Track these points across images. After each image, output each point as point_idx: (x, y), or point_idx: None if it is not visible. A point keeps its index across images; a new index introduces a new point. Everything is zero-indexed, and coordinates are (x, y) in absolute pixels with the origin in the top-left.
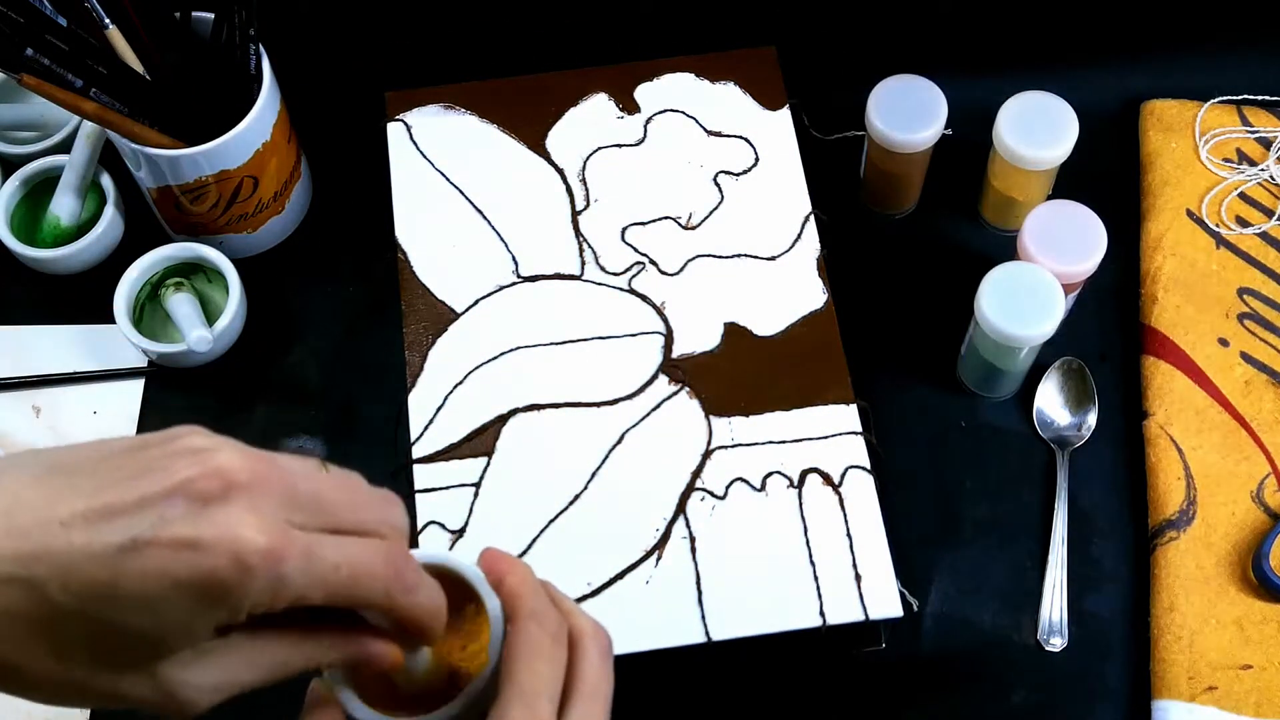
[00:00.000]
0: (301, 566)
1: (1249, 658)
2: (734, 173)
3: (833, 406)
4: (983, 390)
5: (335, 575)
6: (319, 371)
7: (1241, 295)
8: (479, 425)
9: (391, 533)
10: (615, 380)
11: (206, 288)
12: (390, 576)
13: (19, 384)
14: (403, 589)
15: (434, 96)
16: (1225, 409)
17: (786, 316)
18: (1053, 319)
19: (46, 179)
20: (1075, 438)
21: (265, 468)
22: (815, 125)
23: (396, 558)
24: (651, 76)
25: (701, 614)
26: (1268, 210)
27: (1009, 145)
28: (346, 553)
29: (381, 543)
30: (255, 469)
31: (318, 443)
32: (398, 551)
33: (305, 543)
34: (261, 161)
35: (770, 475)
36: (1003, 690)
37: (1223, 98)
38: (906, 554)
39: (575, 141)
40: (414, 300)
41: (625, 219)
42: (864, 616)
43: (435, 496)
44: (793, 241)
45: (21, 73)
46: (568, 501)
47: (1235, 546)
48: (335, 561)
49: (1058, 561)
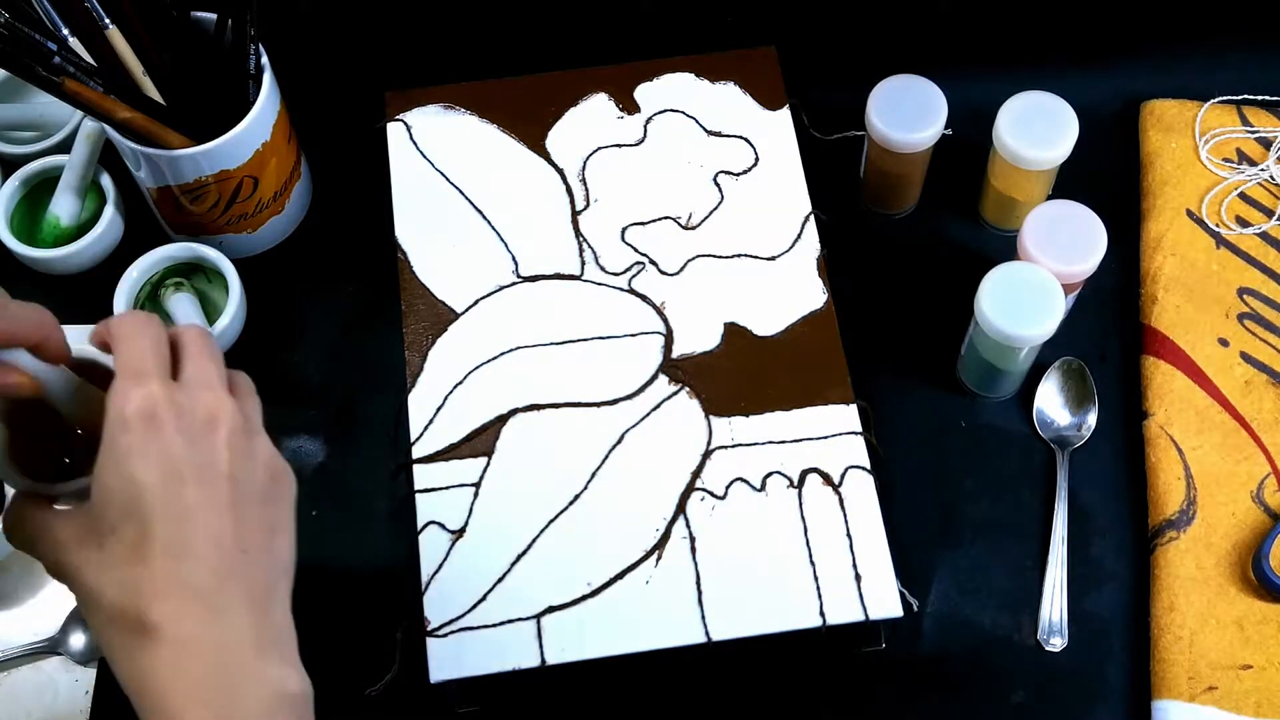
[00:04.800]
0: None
1: (1249, 658)
2: (734, 173)
3: (833, 406)
4: (983, 390)
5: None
6: (319, 371)
7: (1241, 295)
8: (479, 425)
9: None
10: (615, 380)
11: (206, 288)
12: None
13: None
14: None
15: (434, 96)
16: (1225, 409)
17: (786, 316)
18: (1053, 319)
19: (46, 179)
20: (1075, 438)
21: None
22: (815, 125)
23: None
24: (651, 76)
25: (701, 614)
26: (1268, 210)
27: (1009, 145)
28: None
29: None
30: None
31: (318, 442)
32: None
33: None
34: (261, 161)
35: (770, 475)
36: (1003, 690)
37: (1223, 98)
38: (906, 554)
39: (575, 141)
40: (414, 300)
41: (625, 219)
42: (864, 616)
43: (435, 496)
44: (793, 241)
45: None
46: (568, 501)
47: (1235, 546)
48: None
49: (1058, 561)
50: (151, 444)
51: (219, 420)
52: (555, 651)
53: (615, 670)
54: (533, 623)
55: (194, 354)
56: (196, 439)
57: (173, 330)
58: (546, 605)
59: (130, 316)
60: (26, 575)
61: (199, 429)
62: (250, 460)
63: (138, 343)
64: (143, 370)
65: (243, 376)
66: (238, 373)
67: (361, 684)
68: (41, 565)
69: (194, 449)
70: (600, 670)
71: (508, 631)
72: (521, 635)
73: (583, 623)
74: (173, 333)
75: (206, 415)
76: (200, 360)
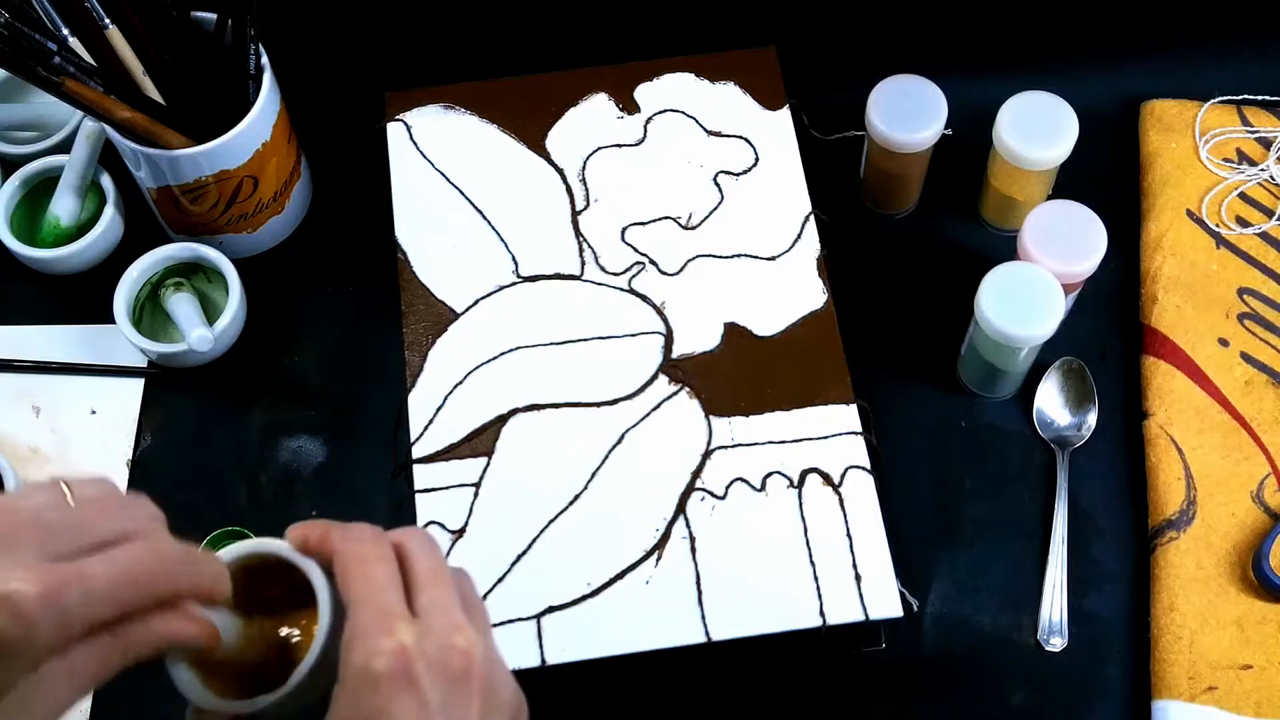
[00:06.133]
0: (79, 597)
1: (1249, 658)
2: (734, 173)
3: (833, 406)
4: (983, 390)
5: (114, 590)
6: (319, 371)
7: (1241, 295)
8: (479, 425)
9: (150, 526)
10: (615, 380)
11: (206, 288)
12: (164, 569)
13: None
14: (180, 574)
15: (434, 96)
16: (1225, 409)
17: (786, 316)
18: (1053, 319)
19: (46, 179)
20: (1075, 438)
21: (10, 515)
22: (815, 125)
23: (162, 549)
24: (651, 76)
25: (701, 614)
26: (1268, 210)
27: (1009, 145)
28: (117, 565)
29: (143, 543)
30: (2, 519)
31: (318, 442)
32: (162, 543)
33: (74, 573)
34: (261, 161)
35: (770, 475)
36: (1003, 690)
37: (1223, 98)
38: (906, 554)
39: (575, 141)
40: (414, 300)
41: (625, 219)
42: (864, 616)
43: (435, 496)
44: (793, 241)
45: (63, 78)
46: (568, 501)
47: (1235, 546)
48: (109, 576)
49: (1058, 561)
50: (401, 705)
51: (472, 670)
52: (555, 651)
53: (615, 670)
54: (533, 623)
55: (428, 576)
56: (450, 695)
57: (395, 540)
58: (546, 605)
59: (359, 534)
60: None
61: (453, 682)
62: (497, 705)
63: (375, 573)
64: (386, 612)
65: (468, 582)
66: (463, 575)
67: None
68: None
69: (447, 708)
70: (600, 670)
71: (508, 631)
72: (521, 635)
73: (583, 623)
74: (396, 542)
75: (461, 665)
76: (438, 587)
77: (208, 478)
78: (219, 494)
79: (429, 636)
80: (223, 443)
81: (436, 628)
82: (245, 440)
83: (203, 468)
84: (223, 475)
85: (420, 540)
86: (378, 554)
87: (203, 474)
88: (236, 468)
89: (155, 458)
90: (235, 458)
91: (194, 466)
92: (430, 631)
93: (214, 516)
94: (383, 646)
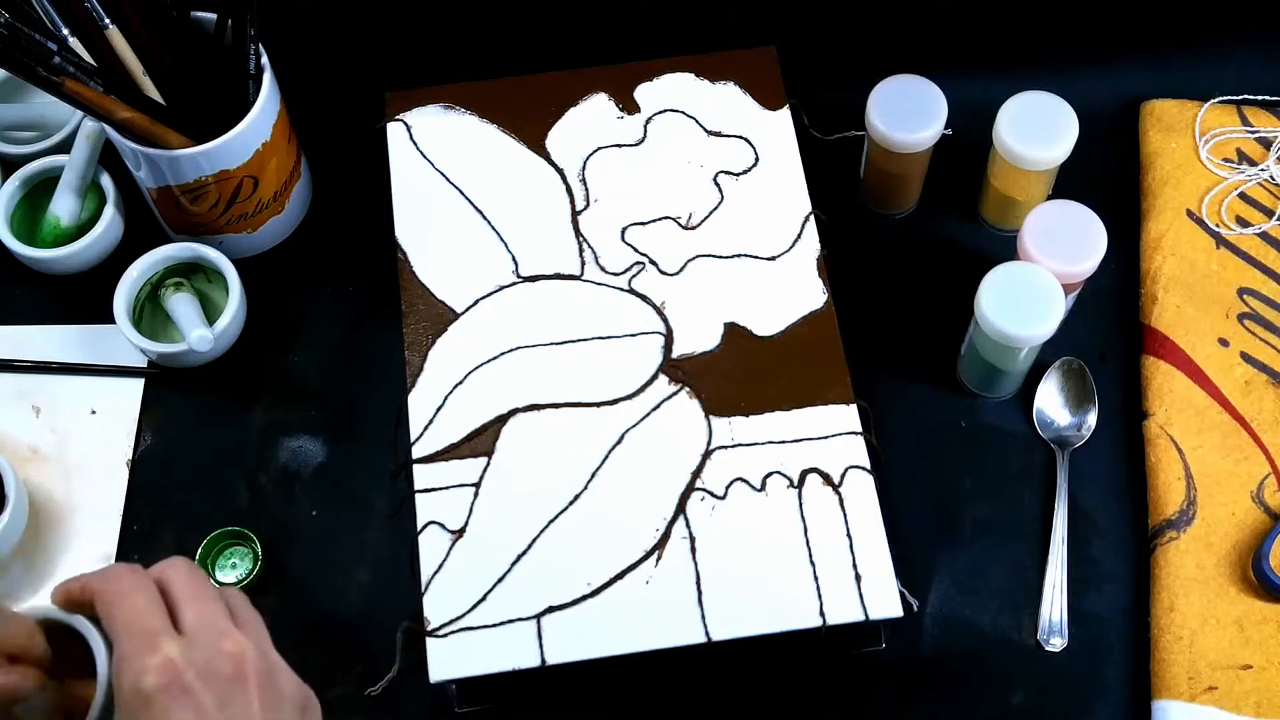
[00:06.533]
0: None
1: (1249, 658)
2: (734, 173)
3: (833, 406)
4: (983, 390)
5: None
6: (319, 371)
7: (1241, 295)
8: (479, 425)
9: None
10: (615, 380)
11: (206, 288)
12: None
13: (19, 367)
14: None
15: (434, 96)
16: (1225, 409)
17: (786, 316)
18: (1053, 319)
19: (46, 179)
20: (1075, 438)
21: None
22: (815, 125)
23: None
24: (651, 76)
25: (701, 614)
26: (1268, 210)
27: (1009, 145)
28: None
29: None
30: None
31: (318, 442)
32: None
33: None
34: (261, 161)
35: (770, 475)
36: (1003, 690)
37: (1223, 98)
38: (906, 554)
39: (575, 141)
40: (414, 300)
41: (625, 219)
42: (864, 616)
43: (435, 496)
44: (793, 241)
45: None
46: (568, 501)
47: (1235, 546)
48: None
49: (1058, 561)
50: (177, 715)
51: (245, 671)
52: (555, 651)
53: (615, 670)
54: (533, 623)
55: (189, 595)
56: (227, 695)
57: (155, 573)
58: (546, 605)
59: (116, 574)
60: (27, 575)
61: (226, 685)
62: (279, 699)
63: (133, 601)
64: (149, 631)
65: (239, 598)
66: (232, 593)
67: (361, 684)
68: (42, 568)
69: (226, 708)
70: (600, 670)
71: (508, 631)
72: (521, 635)
73: (583, 623)
74: (155, 575)
75: (232, 668)
76: (200, 602)
77: (208, 478)
78: (219, 494)
79: (196, 647)
80: (223, 443)
81: (203, 638)
82: (245, 440)
83: (203, 468)
84: (223, 475)
85: (177, 566)
86: (133, 584)
87: (203, 474)
88: (236, 468)
89: (155, 458)
90: (235, 458)
91: (194, 466)
92: (197, 642)
93: (214, 516)
94: (149, 664)
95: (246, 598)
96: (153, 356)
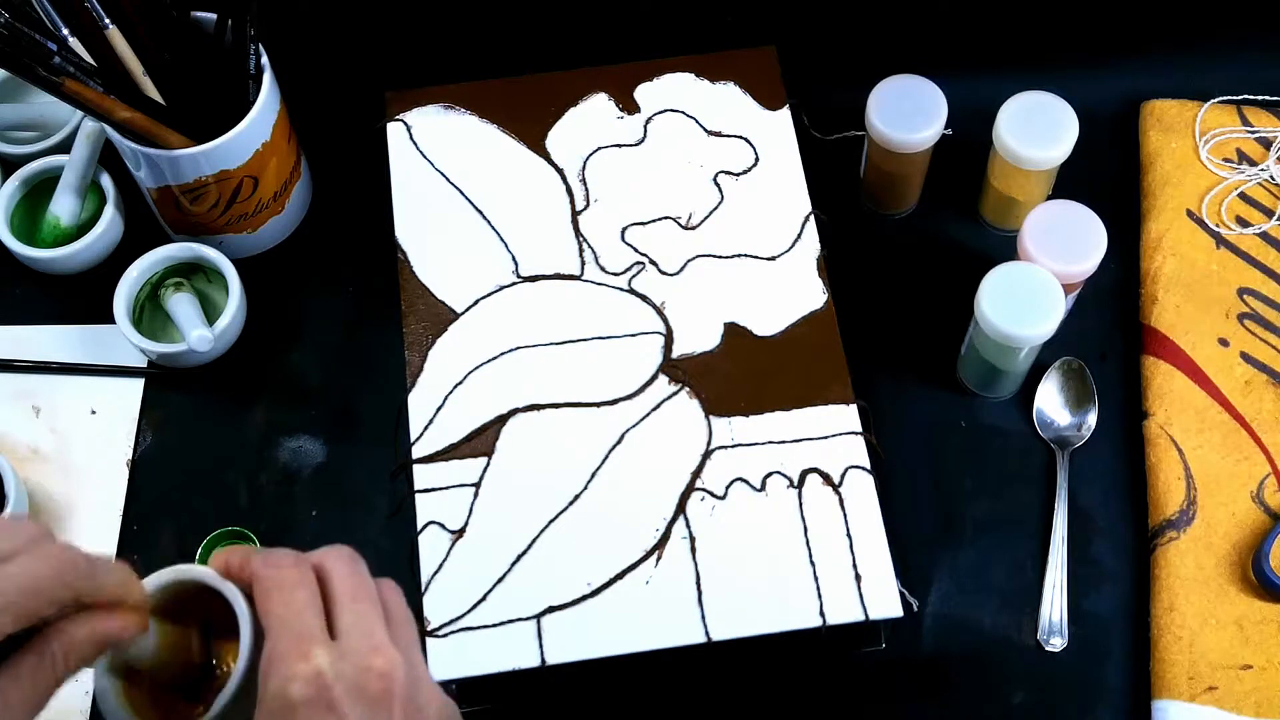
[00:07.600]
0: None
1: (1249, 658)
2: (734, 173)
3: (833, 406)
4: (983, 390)
5: (9, 599)
6: (319, 371)
7: (1241, 295)
8: (479, 425)
9: (37, 542)
10: (615, 380)
11: (206, 288)
12: (58, 571)
13: (19, 367)
14: (78, 575)
15: (434, 96)
16: (1225, 409)
17: (786, 316)
18: (1053, 319)
19: (46, 179)
20: (1075, 438)
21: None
22: (815, 125)
23: (54, 555)
24: (651, 76)
25: (701, 614)
26: (1268, 210)
27: (1009, 145)
28: (9, 577)
29: (33, 554)
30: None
31: (318, 442)
32: (53, 549)
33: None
34: (261, 161)
35: (770, 475)
36: (1003, 690)
37: (1223, 98)
38: (906, 554)
39: (575, 141)
40: (414, 300)
41: (625, 219)
42: (864, 616)
43: (435, 496)
44: (793, 241)
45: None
46: (568, 501)
47: (1235, 546)
48: (2, 589)
49: (1058, 561)
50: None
51: (392, 690)
52: (555, 651)
53: (615, 670)
54: (533, 623)
55: (348, 595)
56: (370, 716)
57: (316, 561)
58: (546, 605)
59: (278, 559)
60: None
61: (372, 703)
62: (423, 718)
63: (292, 597)
64: (304, 635)
65: (395, 593)
66: (388, 586)
67: None
68: None
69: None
70: (600, 670)
71: (508, 631)
72: (521, 635)
73: (583, 623)
74: (316, 563)
75: (380, 687)
76: (358, 604)
77: (208, 478)
78: (219, 494)
79: (347, 659)
80: (223, 443)
81: (355, 649)
82: (245, 440)
83: (203, 468)
84: (223, 475)
85: (341, 558)
86: (295, 578)
87: (203, 474)
88: (236, 468)
89: (155, 458)
90: (235, 458)
91: (194, 466)
92: (348, 654)
93: (214, 516)
94: (299, 672)
95: (401, 591)
96: (153, 356)
